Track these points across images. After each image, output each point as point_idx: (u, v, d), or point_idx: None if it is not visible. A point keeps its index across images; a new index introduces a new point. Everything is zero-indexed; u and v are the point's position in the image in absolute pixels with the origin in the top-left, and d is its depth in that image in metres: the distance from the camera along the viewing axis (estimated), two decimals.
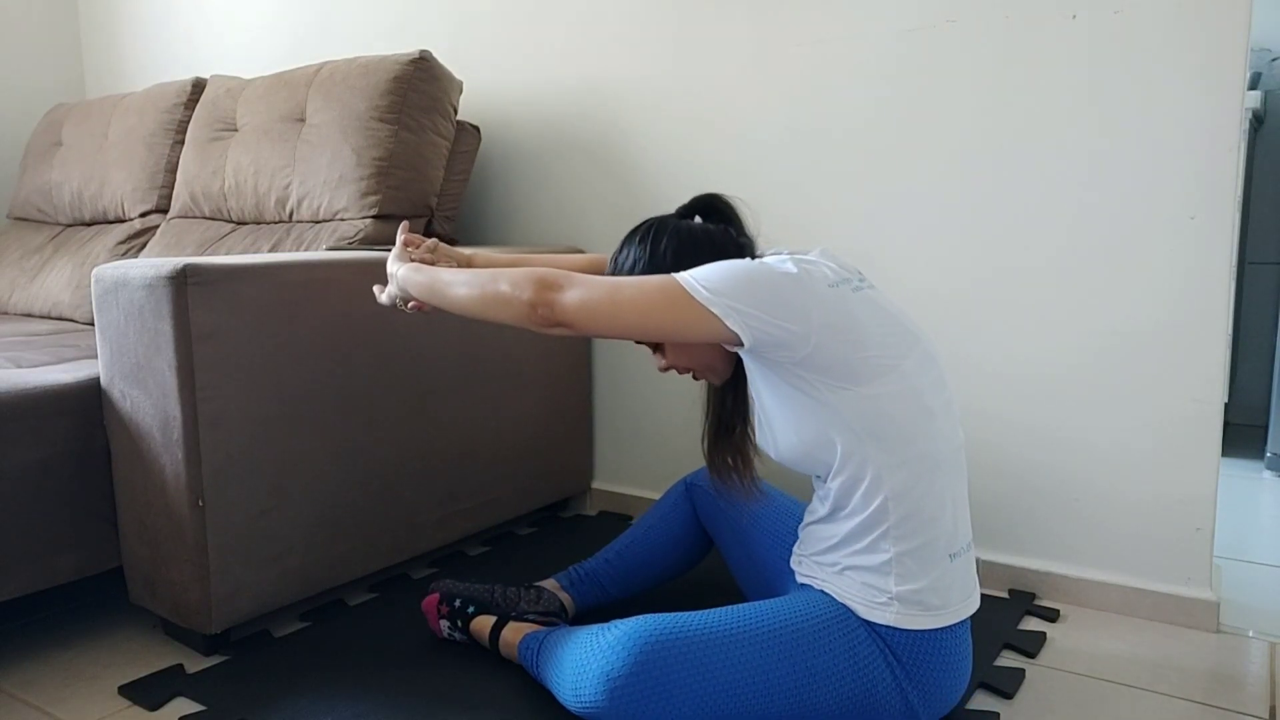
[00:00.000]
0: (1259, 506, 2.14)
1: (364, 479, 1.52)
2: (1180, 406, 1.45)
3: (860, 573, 1.07)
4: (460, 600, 1.37)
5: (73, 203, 2.42)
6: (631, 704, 1.00)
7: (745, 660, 1.02)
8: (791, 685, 1.02)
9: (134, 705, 1.25)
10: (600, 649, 1.04)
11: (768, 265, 1.03)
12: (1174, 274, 1.43)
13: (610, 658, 1.02)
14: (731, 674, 1.01)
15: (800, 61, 1.71)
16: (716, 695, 1.00)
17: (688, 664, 1.00)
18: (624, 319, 1.01)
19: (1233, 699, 1.25)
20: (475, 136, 2.01)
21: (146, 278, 1.26)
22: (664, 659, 1.00)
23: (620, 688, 1.00)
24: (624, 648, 1.01)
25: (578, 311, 1.01)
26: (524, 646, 1.25)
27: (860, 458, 1.04)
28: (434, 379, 1.63)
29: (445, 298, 1.12)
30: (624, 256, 1.17)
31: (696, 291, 1.00)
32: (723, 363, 1.17)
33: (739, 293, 0.99)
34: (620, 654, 1.01)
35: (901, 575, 1.05)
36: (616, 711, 1.00)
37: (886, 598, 1.05)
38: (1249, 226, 2.69)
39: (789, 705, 1.03)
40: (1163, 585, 1.49)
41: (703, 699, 1.00)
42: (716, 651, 1.02)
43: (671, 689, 1.00)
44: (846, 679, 1.04)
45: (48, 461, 1.35)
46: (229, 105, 2.10)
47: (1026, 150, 1.53)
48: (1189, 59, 1.39)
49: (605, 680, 1.01)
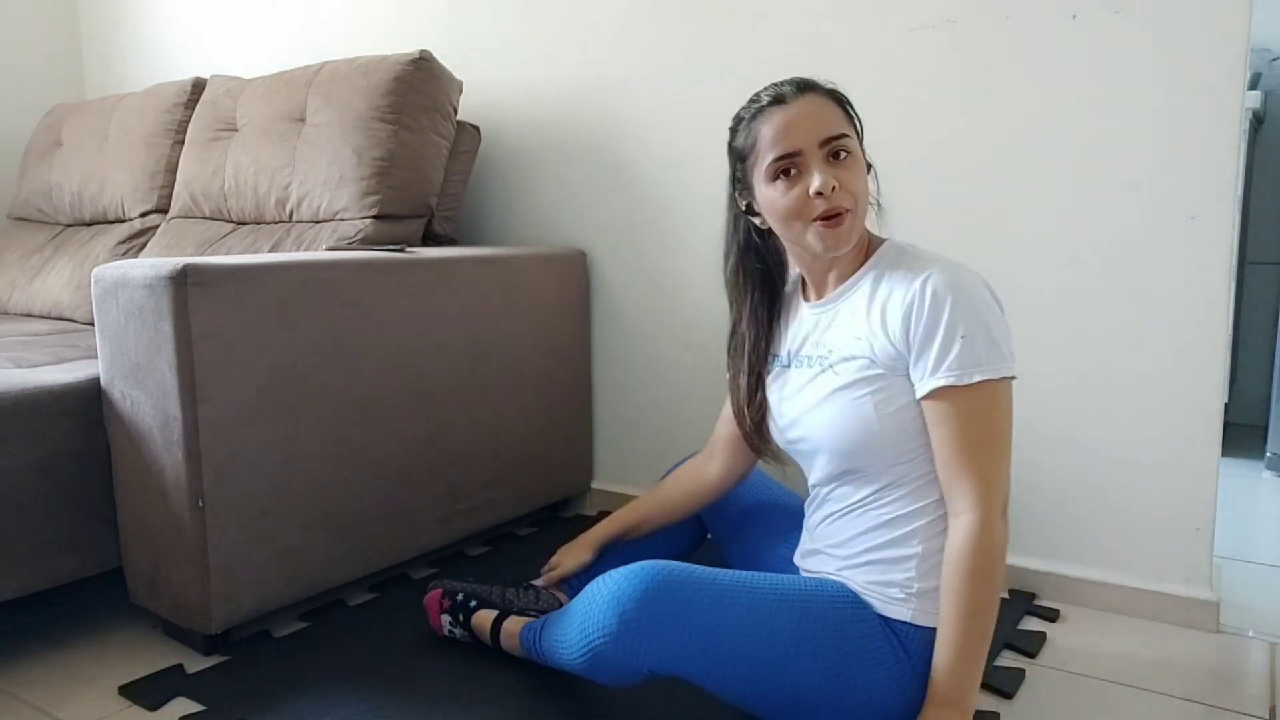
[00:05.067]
0: (1259, 506, 2.13)
1: (364, 479, 1.52)
2: (1180, 406, 1.45)
3: (882, 567, 1.07)
4: (463, 595, 1.38)
5: (73, 203, 2.42)
6: (640, 628, 1.00)
7: (753, 609, 1.02)
8: (793, 646, 1.02)
9: (134, 705, 1.25)
10: (610, 581, 1.04)
11: (986, 295, 1.03)
12: (1174, 274, 1.43)
13: (621, 585, 1.02)
14: (737, 618, 1.01)
15: (800, 62, 1.71)
16: (721, 636, 1.00)
17: (696, 600, 1.01)
18: (1008, 451, 1.03)
19: (1233, 699, 1.25)
20: (475, 136, 2.01)
21: (146, 278, 1.26)
22: (674, 591, 1.01)
23: (630, 610, 1.00)
24: (636, 576, 1.02)
25: (1005, 507, 1.02)
26: (526, 631, 1.24)
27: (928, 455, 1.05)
28: (434, 379, 1.63)
29: (977, 676, 1.03)
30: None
31: (1010, 370, 1.02)
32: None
33: (1007, 336, 1.04)
34: (632, 581, 1.02)
35: (925, 572, 1.05)
36: (625, 635, 1.00)
37: (905, 594, 1.06)
38: (1249, 226, 2.69)
39: (786, 665, 1.02)
40: (1163, 585, 1.49)
41: (707, 637, 1.00)
42: (727, 595, 1.03)
43: (679, 620, 1.00)
44: (850, 659, 1.03)
45: (48, 461, 1.35)
46: (229, 105, 2.10)
47: (1026, 150, 1.52)
48: (1189, 59, 1.39)
49: (615, 603, 1.01)
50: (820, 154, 1.04)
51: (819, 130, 1.04)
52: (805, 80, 1.08)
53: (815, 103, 1.06)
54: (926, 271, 1.03)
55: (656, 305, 1.96)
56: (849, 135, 1.06)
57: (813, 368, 1.13)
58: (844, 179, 1.04)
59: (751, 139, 1.09)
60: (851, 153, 1.06)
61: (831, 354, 1.10)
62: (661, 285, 1.94)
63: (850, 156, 1.05)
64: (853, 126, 1.08)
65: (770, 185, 1.07)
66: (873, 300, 1.08)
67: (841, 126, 1.06)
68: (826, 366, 1.11)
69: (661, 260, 1.94)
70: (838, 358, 1.09)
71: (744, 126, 1.11)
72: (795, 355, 1.17)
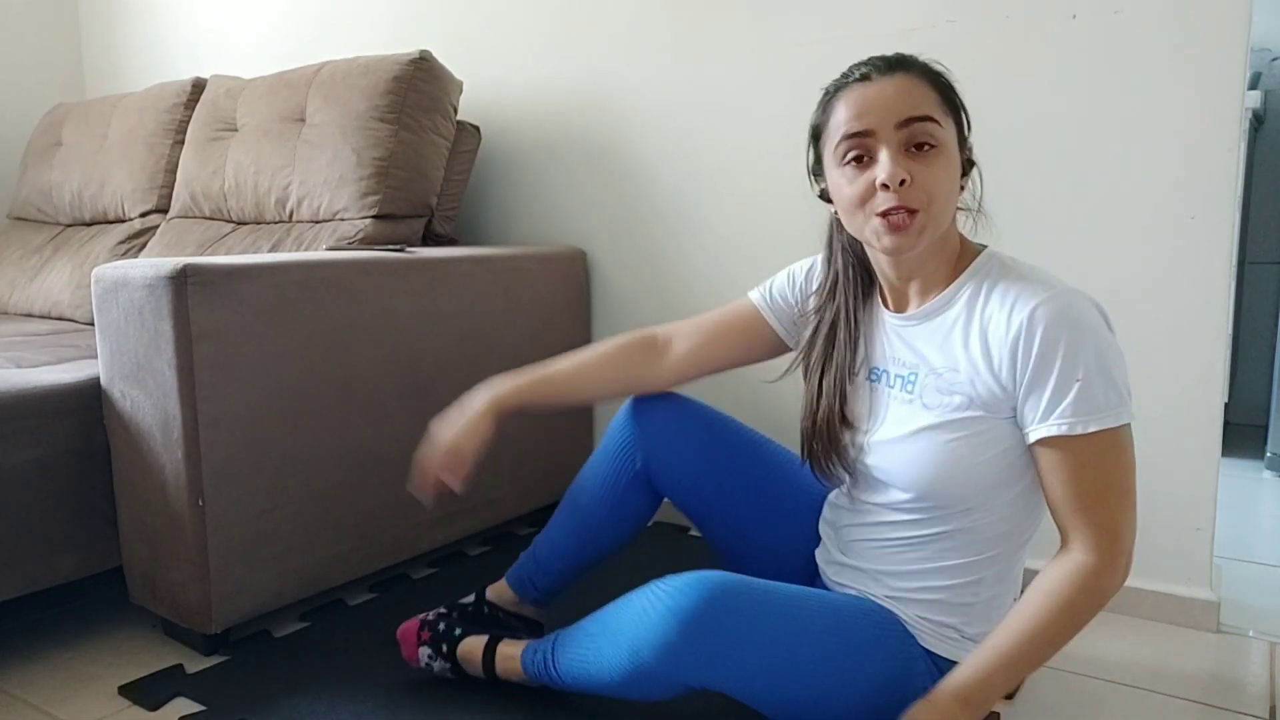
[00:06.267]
0: (1259, 506, 2.13)
1: (364, 479, 1.52)
2: (1180, 407, 1.45)
3: (939, 608, 1.02)
4: (445, 624, 1.25)
5: (73, 203, 2.42)
6: (705, 639, 0.93)
7: (807, 629, 0.97)
8: (841, 672, 0.97)
9: (134, 705, 1.25)
10: (664, 592, 0.97)
11: (1103, 328, 0.93)
12: (1174, 274, 1.43)
13: (679, 597, 0.95)
14: (794, 636, 0.96)
15: (801, 61, 1.71)
16: (778, 654, 0.95)
17: (758, 615, 0.95)
18: (1132, 496, 0.94)
19: (1233, 699, 1.25)
20: (475, 136, 2.01)
21: (146, 278, 1.26)
22: (737, 605, 0.95)
23: (692, 621, 0.93)
24: (693, 587, 0.95)
25: (1129, 555, 0.93)
26: (530, 654, 1.15)
27: (1015, 507, 0.99)
28: (434, 379, 1.63)
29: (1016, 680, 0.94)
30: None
31: (1129, 415, 0.92)
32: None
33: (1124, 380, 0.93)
34: (690, 593, 0.95)
35: (981, 618, 1.01)
36: (684, 649, 0.94)
37: (960, 636, 1.02)
38: (1249, 226, 2.69)
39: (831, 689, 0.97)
40: (1163, 585, 1.49)
41: (763, 653, 0.94)
42: (785, 612, 0.97)
43: (740, 635, 0.94)
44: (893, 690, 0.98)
45: (48, 461, 1.35)
46: (229, 105, 2.10)
47: (1026, 150, 1.52)
48: (1189, 59, 1.39)
49: (676, 615, 0.94)
50: (896, 139, 0.92)
51: (897, 110, 0.92)
52: (901, 56, 0.96)
53: (903, 82, 0.93)
54: (1036, 298, 0.92)
55: (656, 305, 1.96)
56: (935, 122, 0.92)
57: (901, 390, 1.02)
58: (920, 174, 0.92)
59: (827, 115, 0.98)
60: (938, 145, 0.92)
61: (920, 380, 1.00)
62: (661, 285, 1.94)
63: (936, 150, 0.92)
64: (951, 115, 0.96)
65: (839, 169, 0.97)
66: (970, 323, 0.97)
67: (928, 109, 0.92)
68: (915, 395, 1.00)
69: (661, 260, 1.94)
70: (931, 388, 0.98)
71: (825, 101, 1.00)
72: (879, 371, 1.05)
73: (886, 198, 0.92)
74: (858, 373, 1.07)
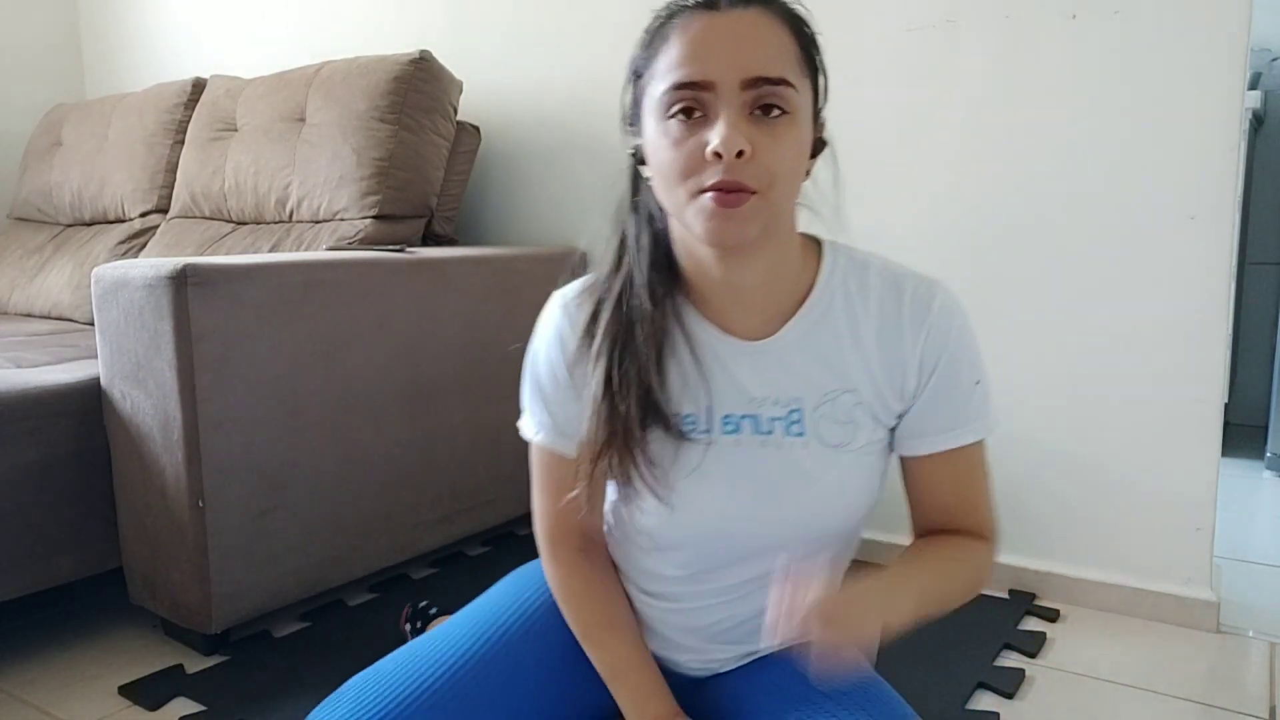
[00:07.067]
0: (1259, 506, 2.13)
1: (364, 479, 1.52)
2: (1180, 406, 1.45)
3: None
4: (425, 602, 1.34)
5: (73, 203, 2.42)
6: None
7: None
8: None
9: (134, 705, 1.25)
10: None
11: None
12: (1174, 274, 1.43)
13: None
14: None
15: None
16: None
17: None
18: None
19: (1233, 699, 1.25)
20: (475, 136, 2.01)
21: (146, 278, 1.26)
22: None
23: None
24: None
25: (996, 542, 0.87)
26: None
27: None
28: (434, 379, 1.63)
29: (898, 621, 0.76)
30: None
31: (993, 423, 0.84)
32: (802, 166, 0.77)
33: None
34: None
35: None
36: None
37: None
38: (1249, 226, 2.69)
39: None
40: (1163, 585, 1.49)
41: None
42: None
43: None
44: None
45: (48, 461, 1.35)
46: (229, 105, 2.10)
47: (1026, 150, 1.52)
48: (1189, 59, 1.39)
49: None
50: (741, 98, 0.70)
51: (747, 62, 0.70)
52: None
53: (759, 22, 0.72)
54: (927, 292, 0.79)
55: None
56: (792, 86, 0.72)
57: (785, 435, 0.79)
58: (764, 146, 0.70)
59: (654, 50, 0.76)
60: (790, 112, 0.72)
61: (809, 414, 0.79)
62: None
63: (787, 118, 0.71)
64: (809, 77, 0.76)
65: (661, 122, 0.73)
66: (859, 330, 0.80)
67: (784, 69, 0.71)
68: (809, 434, 0.79)
69: None
70: (827, 419, 0.79)
71: (655, 30, 0.78)
72: (731, 419, 0.80)
73: (716, 170, 0.70)
74: (677, 424, 0.80)
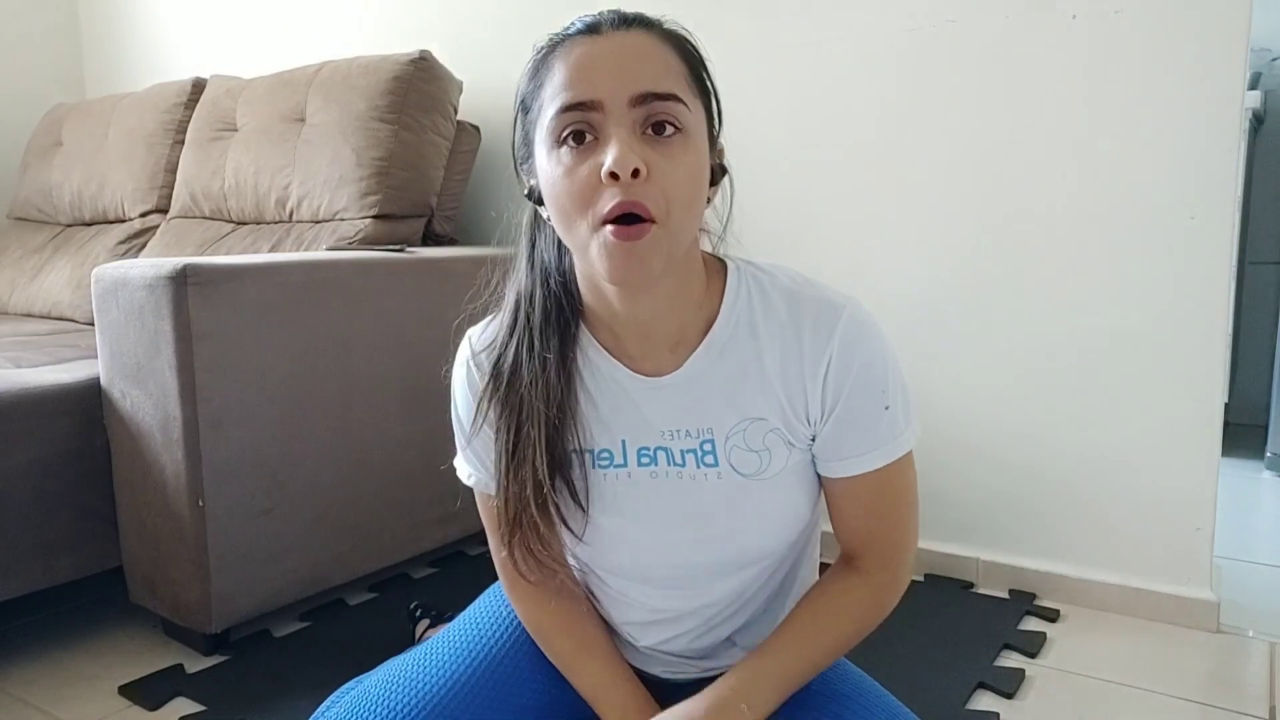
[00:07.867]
0: (1259, 506, 2.13)
1: (364, 479, 1.52)
2: (1180, 406, 1.45)
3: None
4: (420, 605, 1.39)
5: (73, 203, 2.42)
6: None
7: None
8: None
9: (134, 705, 1.25)
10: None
11: (888, 338, 0.81)
12: (1174, 274, 1.43)
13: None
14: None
15: (800, 61, 1.71)
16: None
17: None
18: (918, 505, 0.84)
19: (1233, 699, 1.25)
20: (475, 136, 2.01)
21: (146, 278, 1.26)
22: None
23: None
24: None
25: (909, 567, 0.83)
26: None
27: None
28: (434, 379, 1.63)
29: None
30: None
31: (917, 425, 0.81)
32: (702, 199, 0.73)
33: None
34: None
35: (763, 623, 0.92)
36: None
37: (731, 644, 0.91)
38: (1249, 226, 2.69)
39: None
40: (1163, 585, 1.49)
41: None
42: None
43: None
44: None
45: (48, 461, 1.35)
46: (229, 105, 2.10)
47: (1026, 150, 1.52)
48: (1189, 59, 1.39)
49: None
50: (631, 116, 0.67)
51: (634, 79, 0.68)
52: (637, 14, 0.73)
53: (642, 42, 0.70)
54: (831, 315, 0.75)
55: None
56: (682, 103, 0.69)
57: (699, 468, 0.78)
58: (659, 167, 0.67)
59: (540, 79, 0.73)
60: (683, 130, 0.68)
61: (721, 444, 0.77)
62: None
63: (680, 136, 0.68)
64: (701, 99, 0.73)
65: (552, 151, 0.70)
66: (762, 357, 0.77)
67: (673, 84, 0.69)
68: (723, 464, 0.77)
69: None
70: (739, 448, 0.77)
71: (538, 60, 0.75)
72: (647, 451, 0.79)
73: (614, 193, 0.66)
74: (588, 460, 0.80)
